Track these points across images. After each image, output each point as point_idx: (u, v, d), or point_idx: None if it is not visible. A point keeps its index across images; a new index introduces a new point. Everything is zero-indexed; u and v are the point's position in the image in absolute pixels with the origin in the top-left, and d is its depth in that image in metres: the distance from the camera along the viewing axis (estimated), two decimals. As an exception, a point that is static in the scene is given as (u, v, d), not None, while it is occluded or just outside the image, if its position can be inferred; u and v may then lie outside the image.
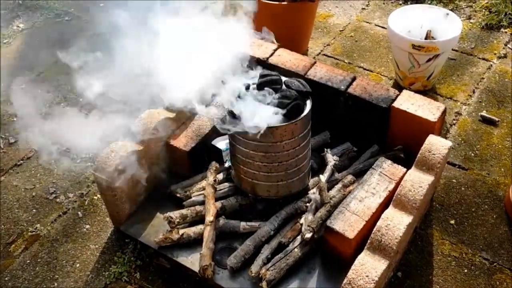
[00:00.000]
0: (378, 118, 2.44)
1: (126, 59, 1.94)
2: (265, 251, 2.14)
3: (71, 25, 3.76)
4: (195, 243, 2.22)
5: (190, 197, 2.34)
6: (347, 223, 2.05)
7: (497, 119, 2.89)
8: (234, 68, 2.15)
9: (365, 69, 3.30)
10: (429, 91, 3.10)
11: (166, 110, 2.42)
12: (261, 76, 2.14)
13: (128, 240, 2.37)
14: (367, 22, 3.68)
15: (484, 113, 2.93)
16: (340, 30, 3.63)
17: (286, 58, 2.61)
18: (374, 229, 1.95)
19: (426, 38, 3.04)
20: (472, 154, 2.72)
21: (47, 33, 3.69)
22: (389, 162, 2.26)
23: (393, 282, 2.21)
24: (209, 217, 2.19)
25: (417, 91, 2.58)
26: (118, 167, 2.20)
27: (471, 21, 3.62)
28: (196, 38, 2.03)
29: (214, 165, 2.38)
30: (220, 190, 2.35)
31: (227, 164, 2.44)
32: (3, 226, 2.50)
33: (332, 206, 2.18)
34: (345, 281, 1.84)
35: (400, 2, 3.80)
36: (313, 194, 2.29)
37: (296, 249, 2.13)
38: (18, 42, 3.63)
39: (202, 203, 2.29)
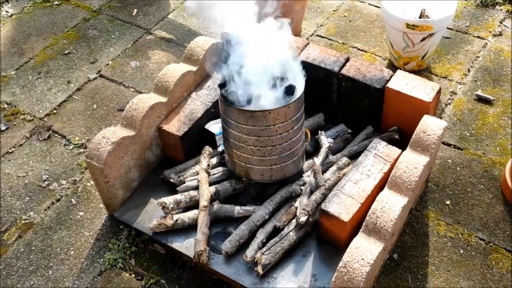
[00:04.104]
0: (372, 99, 2.42)
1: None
2: (260, 235, 2.13)
3: (61, 10, 3.71)
4: (189, 228, 2.21)
5: (184, 182, 2.32)
6: (342, 206, 2.04)
7: (492, 98, 2.87)
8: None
9: (359, 49, 3.27)
10: (423, 71, 3.07)
11: (156, 94, 2.40)
12: None
13: (122, 227, 2.35)
14: (361, 2, 3.64)
15: (479, 92, 2.90)
16: (334, 10, 3.58)
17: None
18: (369, 211, 1.94)
19: (420, 17, 3.00)
20: (468, 134, 2.71)
21: (37, 18, 3.64)
22: (384, 143, 2.24)
23: (389, 264, 2.20)
24: (203, 202, 2.18)
25: (411, 71, 2.56)
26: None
27: (466, -2, 3.59)
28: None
29: (207, 149, 2.36)
30: (214, 174, 2.33)
31: (220, 148, 2.42)
32: (-4, 214, 2.49)
33: (327, 189, 2.16)
34: (340, 264, 1.83)
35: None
36: (308, 177, 2.28)
37: (291, 233, 2.12)
38: (8, 27, 3.58)
39: (196, 188, 2.28)
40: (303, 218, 2.09)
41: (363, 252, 1.84)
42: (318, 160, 2.26)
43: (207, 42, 2.57)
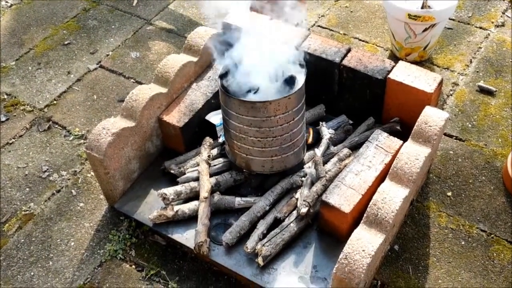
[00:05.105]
0: (374, 90, 2.40)
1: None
2: (261, 227, 2.12)
3: (60, 0, 3.69)
4: (190, 219, 2.21)
5: (184, 173, 2.32)
6: (343, 197, 2.03)
7: (494, 89, 2.85)
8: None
9: (360, 40, 3.25)
10: (425, 62, 3.05)
11: (156, 84, 2.39)
12: None
13: (122, 218, 2.35)
14: (363, -8, 3.62)
15: (481, 83, 2.89)
16: (335, 1, 3.56)
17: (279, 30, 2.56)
18: (370, 203, 1.93)
19: (422, 8, 2.98)
20: (469, 125, 2.69)
21: (36, 8, 3.62)
22: (385, 134, 2.23)
23: (390, 256, 2.20)
24: (204, 193, 2.17)
25: (413, 62, 2.54)
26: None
27: (468, -11, 3.56)
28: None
29: (208, 140, 2.35)
30: (215, 165, 2.32)
31: (221, 139, 2.41)
32: (-4, 205, 2.48)
33: (328, 180, 2.16)
34: (341, 255, 1.82)
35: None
36: (309, 168, 2.27)
37: (292, 224, 2.11)
38: (7, 18, 3.56)
39: (197, 179, 2.27)
40: (304, 210, 2.08)
41: (364, 244, 1.83)
42: (319, 151, 2.25)
43: (207, 33, 2.55)
